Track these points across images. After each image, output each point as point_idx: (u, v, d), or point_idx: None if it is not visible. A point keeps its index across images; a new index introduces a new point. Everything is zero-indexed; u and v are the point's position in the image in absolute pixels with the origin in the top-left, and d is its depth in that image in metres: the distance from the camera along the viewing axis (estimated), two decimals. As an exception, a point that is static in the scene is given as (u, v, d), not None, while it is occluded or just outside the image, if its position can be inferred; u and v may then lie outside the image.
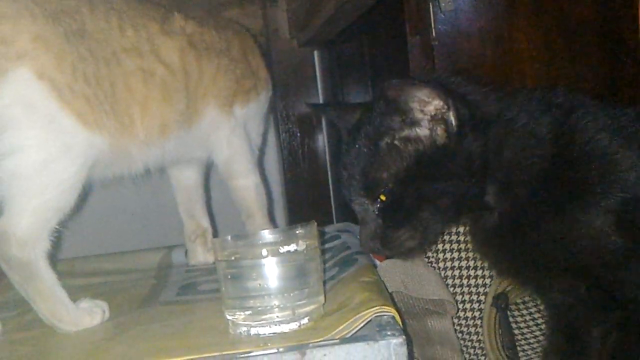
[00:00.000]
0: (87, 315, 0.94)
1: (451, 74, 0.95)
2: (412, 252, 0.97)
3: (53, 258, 1.28)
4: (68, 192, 0.93)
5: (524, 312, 1.06)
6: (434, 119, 0.88)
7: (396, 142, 0.90)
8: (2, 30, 0.88)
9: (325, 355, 0.74)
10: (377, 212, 0.92)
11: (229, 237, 0.84)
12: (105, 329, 0.93)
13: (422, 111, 0.88)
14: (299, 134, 1.84)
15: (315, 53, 1.85)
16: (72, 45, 0.94)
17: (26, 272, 0.90)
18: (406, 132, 0.90)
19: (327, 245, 1.16)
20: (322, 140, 1.86)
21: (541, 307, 1.05)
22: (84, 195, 1.00)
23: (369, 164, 0.92)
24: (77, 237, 1.13)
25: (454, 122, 0.88)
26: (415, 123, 0.89)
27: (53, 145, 0.91)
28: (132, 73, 1.01)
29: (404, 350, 0.75)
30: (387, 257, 1.16)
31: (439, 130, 0.89)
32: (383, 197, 0.91)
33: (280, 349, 0.74)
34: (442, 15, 1.11)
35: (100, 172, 1.01)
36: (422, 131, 0.89)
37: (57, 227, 0.93)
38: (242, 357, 0.74)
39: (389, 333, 0.76)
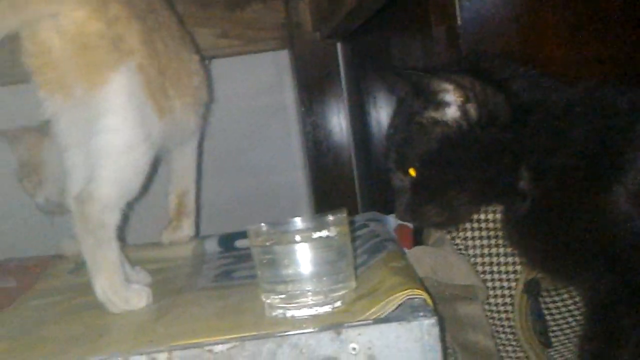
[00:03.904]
0: (136, 296, 1.00)
1: (494, 57, 0.97)
2: (442, 226, 1.02)
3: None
4: (140, 175, 1.06)
5: (556, 298, 1.06)
6: (456, 105, 0.91)
7: (424, 122, 0.93)
8: (119, 30, 1.03)
9: (359, 334, 0.76)
10: (408, 186, 0.95)
11: (263, 224, 0.86)
12: (147, 312, 0.97)
13: (447, 97, 0.91)
14: (322, 126, 1.86)
15: (338, 45, 1.86)
16: (154, 41, 1.10)
17: (102, 235, 0.99)
18: (433, 114, 0.92)
19: (356, 234, 1.17)
20: (346, 132, 1.87)
21: (573, 294, 1.05)
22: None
23: (402, 139, 0.96)
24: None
25: (473, 113, 0.90)
26: (441, 106, 0.91)
27: (139, 131, 1.04)
28: (182, 68, 1.19)
29: (436, 330, 0.76)
30: (415, 244, 1.17)
31: (463, 117, 0.91)
32: (412, 173, 0.94)
33: (316, 329, 0.77)
34: (468, 3, 1.11)
35: None
36: (449, 115, 0.91)
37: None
38: (280, 337, 0.76)
39: (421, 314, 0.77)
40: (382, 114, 1.58)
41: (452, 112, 0.91)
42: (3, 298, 1.11)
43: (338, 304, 0.83)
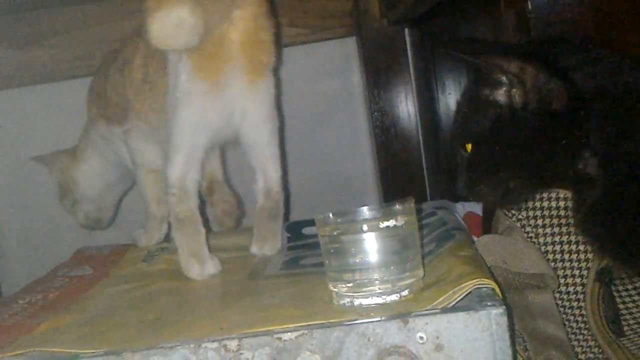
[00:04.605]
0: (211, 264, 1.10)
1: (562, 42, 0.96)
2: (498, 205, 1.04)
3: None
4: None
5: (629, 286, 1.03)
6: (505, 88, 0.92)
7: (480, 99, 0.94)
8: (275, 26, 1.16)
9: (427, 324, 0.76)
10: (465, 162, 0.98)
11: (330, 214, 0.87)
12: (219, 298, 1.00)
13: (501, 78, 0.92)
14: (390, 113, 1.85)
15: (406, 31, 1.85)
16: None
17: None
18: (487, 92, 0.94)
19: (423, 222, 1.17)
20: (414, 119, 1.86)
21: (646, 282, 1.03)
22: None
23: (462, 115, 0.99)
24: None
25: (517, 99, 0.91)
26: (495, 86, 0.93)
27: None
28: None
29: (504, 320, 0.76)
30: (484, 232, 1.17)
31: (509, 101, 0.92)
32: (468, 148, 0.97)
33: (384, 318, 0.77)
34: (538, -14, 1.09)
35: None
36: (500, 95, 0.93)
37: None
38: (348, 325, 0.77)
39: (489, 304, 0.77)
40: (450, 99, 1.57)
41: (502, 94, 0.92)
42: (80, 285, 1.15)
43: (405, 292, 0.83)
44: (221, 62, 1.09)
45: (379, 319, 0.77)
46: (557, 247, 1.03)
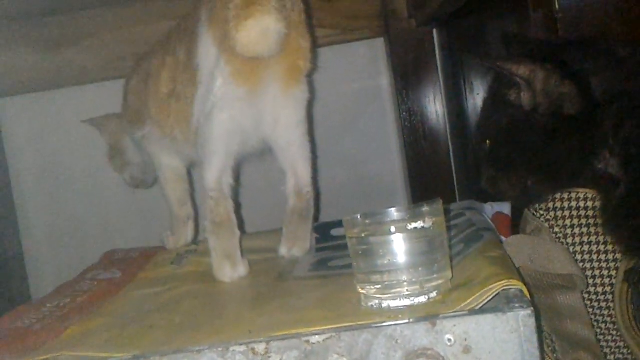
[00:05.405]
0: (243, 266, 1.11)
1: (584, 44, 0.97)
2: (518, 201, 1.07)
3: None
4: None
5: (658, 287, 1.03)
6: (521, 89, 0.95)
7: (498, 98, 0.97)
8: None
9: (455, 325, 0.76)
10: (485, 158, 1.01)
11: (358, 216, 0.88)
12: (248, 301, 1.01)
13: (515, 79, 0.94)
14: (418, 113, 1.85)
15: (434, 31, 1.85)
16: None
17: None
18: (504, 92, 0.97)
19: (452, 223, 1.17)
20: (442, 119, 1.86)
21: (677, 282, 1.02)
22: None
23: (483, 113, 1.03)
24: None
25: (526, 102, 0.93)
26: (510, 87, 0.96)
27: None
28: None
29: (532, 321, 0.76)
30: (513, 233, 1.16)
31: (525, 100, 0.95)
32: (488, 144, 1.00)
33: (412, 320, 0.78)
34: (566, -14, 1.08)
35: None
36: (513, 97, 0.96)
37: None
38: (376, 328, 0.78)
39: (517, 305, 0.77)
40: (479, 100, 1.56)
41: (515, 95, 0.95)
42: (109, 288, 1.16)
43: (434, 294, 0.83)
44: (260, 68, 1.10)
45: (407, 321, 0.78)
46: (586, 248, 1.03)
